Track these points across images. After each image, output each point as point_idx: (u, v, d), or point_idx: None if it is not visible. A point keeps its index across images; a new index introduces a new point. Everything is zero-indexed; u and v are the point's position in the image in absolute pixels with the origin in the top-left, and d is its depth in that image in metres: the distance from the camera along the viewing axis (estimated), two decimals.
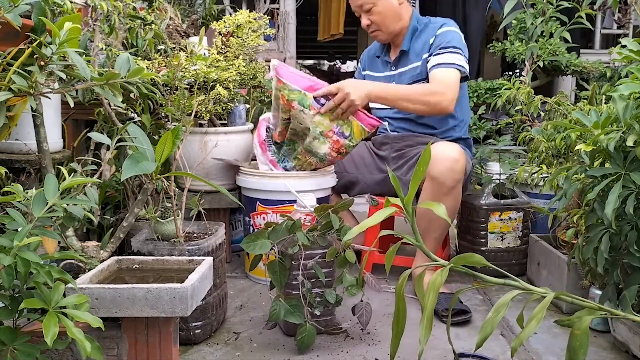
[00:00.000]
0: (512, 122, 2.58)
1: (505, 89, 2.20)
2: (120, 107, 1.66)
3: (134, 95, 1.71)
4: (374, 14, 2.08)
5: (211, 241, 1.58)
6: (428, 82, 2.01)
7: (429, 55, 2.04)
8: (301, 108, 1.85)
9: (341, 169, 2.19)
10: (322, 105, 1.85)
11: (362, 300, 1.61)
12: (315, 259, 1.59)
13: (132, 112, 1.77)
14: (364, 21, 2.12)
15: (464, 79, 2.05)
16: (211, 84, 1.97)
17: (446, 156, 1.81)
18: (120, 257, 1.40)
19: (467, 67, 2.01)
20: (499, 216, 2.13)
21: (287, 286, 1.60)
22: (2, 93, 1.13)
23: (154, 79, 1.56)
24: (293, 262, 1.59)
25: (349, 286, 1.60)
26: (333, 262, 1.63)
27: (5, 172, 1.25)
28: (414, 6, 4.93)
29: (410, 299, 1.88)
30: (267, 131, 2.06)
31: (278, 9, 4.59)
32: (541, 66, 3.26)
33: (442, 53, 1.99)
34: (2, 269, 1.00)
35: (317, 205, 1.67)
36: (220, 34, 2.13)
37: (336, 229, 1.61)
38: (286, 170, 2.03)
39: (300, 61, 7.82)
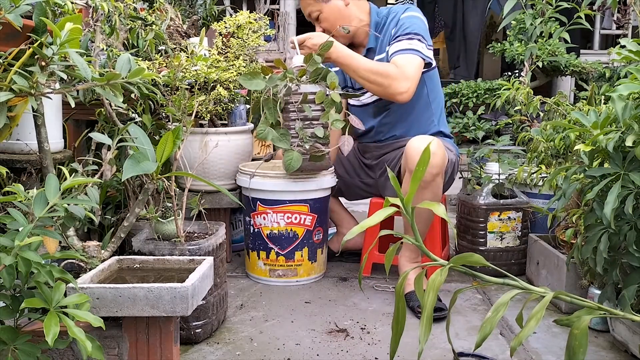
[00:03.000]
0: (511, 122, 2.59)
1: (504, 90, 2.20)
2: (121, 108, 1.67)
3: (135, 95, 1.72)
4: (322, 21, 2.08)
5: (212, 241, 1.58)
6: None
7: (389, 45, 2.02)
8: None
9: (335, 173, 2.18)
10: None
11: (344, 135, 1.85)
12: (299, 101, 1.85)
13: (132, 113, 1.77)
14: (317, 29, 2.12)
15: (427, 65, 2.03)
16: (212, 84, 1.98)
17: (420, 149, 1.80)
18: (121, 257, 1.41)
19: (428, 53, 1.98)
20: (498, 216, 2.13)
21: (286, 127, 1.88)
22: (4, 93, 1.14)
23: (154, 79, 1.56)
24: (288, 105, 1.86)
25: (334, 120, 1.82)
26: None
27: (7, 172, 1.25)
28: (412, 3, 4.93)
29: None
30: None
31: (278, 9, 4.60)
32: (540, 66, 3.27)
33: (400, 40, 1.97)
34: (3, 269, 1.00)
35: (303, 61, 1.88)
36: (220, 35, 2.13)
37: (322, 76, 1.85)
38: None
39: None
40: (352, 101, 2.22)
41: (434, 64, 2.10)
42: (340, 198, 2.38)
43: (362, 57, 2.00)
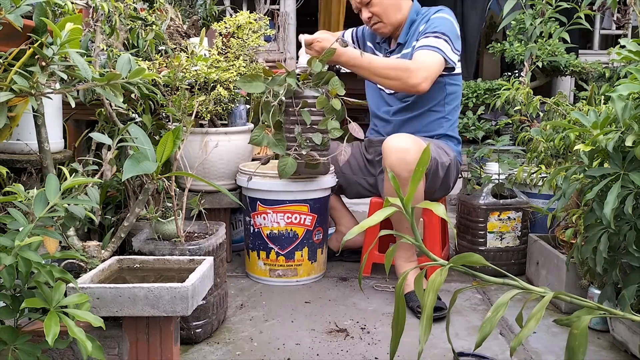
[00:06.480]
0: (511, 122, 2.59)
1: (504, 90, 2.21)
2: (121, 108, 1.67)
3: (135, 95, 1.72)
4: (374, 5, 2.06)
5: (212, 241, 1.58)
6: None
7: (417, 40, 2.03)
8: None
9: (337, 170, 2.19)
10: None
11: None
12: (299, 107, 1.85)
13: (133, 113, 1.77)
14: (365, 14, 2.09)
15: (449, 69, 2.03)
16: (212, 84, 1.98)
17: (397, 147, 1.80)
18: (121, 257, 1.41)
19: (452, 56, 1.99)
20: (498, 216, 2.13)
21: (285, 130, 1.90)
22: (4, 93, 1.14)
23: (154, 79, 1.57)
24: (289, 108, 1.86)
25: (332, 129, 1.84)
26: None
27: (7, 172, 1.25)
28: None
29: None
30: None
31: (278, 9, 4.60)
32: (540, 67, 3.27)
33: (427, 37, 1.98)
34: (3, 269, 1.00)
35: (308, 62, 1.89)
36: (220, 35, 2.13)
37: (325, 80, 1.85)
38: None
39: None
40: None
41: (457, 69, 2.10)
42: (341, 196, 2.38)
43: (374, 56, 2.01)
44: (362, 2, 2.08)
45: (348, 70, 2.06)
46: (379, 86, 2.19)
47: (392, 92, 2.15)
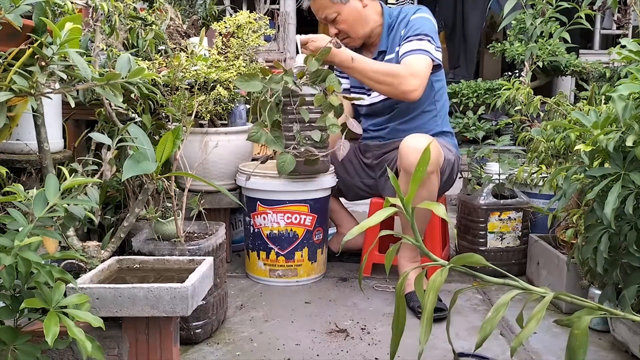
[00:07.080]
0: (511, 122, 2.58)
1: (504, 90, 2.20)
2: (121, 108, 1.66)
3: (135, 95, 1.72)
4: (340, 22, 2.07)
5: (211, 241, 1.58)
6: None
7: (399, 46, 2.03)
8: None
9: (335, 171, 2.17)
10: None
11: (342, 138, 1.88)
12: (297, 104, 1.85)
13: (132, 113, 1.77)
14: (332, 30, 2.10)
15: (436, 67, 2.04)
16: (212, 84, 1.98)
17: (415, 148, 1.81)
18: (120, 257, 1.41)
19: (436, 54, 1.99)
20: (499, 216, 2.13)
21: (284, 129, 1.90)
22: (4, 93, 1.14)
23: (154, 79, 1.56)
24: (287, 107, 1.86)
25: (331, 125, 1.83)
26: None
27: (6, 172, 1.25)
28: (412, 3, 4.92)
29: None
30: None
31: (278, 9, 4.60)
32: (541, 66, 3.27)
33: (411, 40, 1.98)
34: (3, 269, 1.00)
35: (304, 59, 1.89)
36: (220, 35, 2.13)
37: (322, 78, 1.85)
38: None
39: None
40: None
41: (442, 66, 2.11)
42: (340, 198, 2.38)
43: (367, 59, 2.01)
44: (327, 19, 2.08)
45: None
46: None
47: (383, 98, 2.14)
